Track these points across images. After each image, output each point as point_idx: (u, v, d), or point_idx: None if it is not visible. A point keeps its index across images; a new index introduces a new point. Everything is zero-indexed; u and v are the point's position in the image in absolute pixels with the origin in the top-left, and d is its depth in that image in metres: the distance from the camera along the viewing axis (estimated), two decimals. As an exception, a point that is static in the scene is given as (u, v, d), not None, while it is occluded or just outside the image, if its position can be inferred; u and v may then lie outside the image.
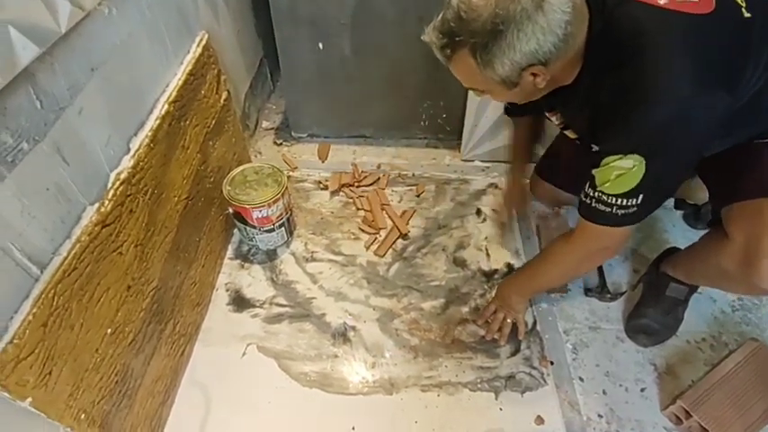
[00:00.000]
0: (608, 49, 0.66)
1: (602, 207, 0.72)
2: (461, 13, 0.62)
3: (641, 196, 0.68)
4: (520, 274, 1.02)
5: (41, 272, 0.60)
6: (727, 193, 0.80)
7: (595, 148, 0.75)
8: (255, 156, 1.46)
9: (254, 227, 1.10)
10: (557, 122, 0.90)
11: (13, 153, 0.55)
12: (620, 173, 0.67)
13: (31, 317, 0.56)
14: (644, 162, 0.65)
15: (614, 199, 0.70)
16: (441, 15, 0.67)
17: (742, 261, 0.75)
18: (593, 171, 0.71)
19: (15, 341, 0.54)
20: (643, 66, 0.64)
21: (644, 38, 0.64)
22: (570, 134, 0.91)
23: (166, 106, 0.86)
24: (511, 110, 1.07)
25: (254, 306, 1.10)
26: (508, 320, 1.02)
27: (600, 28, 0.66)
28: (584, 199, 0.75)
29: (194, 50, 0.99)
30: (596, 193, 0.71)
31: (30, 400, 0.56)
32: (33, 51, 0.55)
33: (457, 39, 0.64)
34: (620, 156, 0.66)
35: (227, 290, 1.13)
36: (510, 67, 0.63)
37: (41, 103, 0.59)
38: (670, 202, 1.30)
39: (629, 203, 0.69)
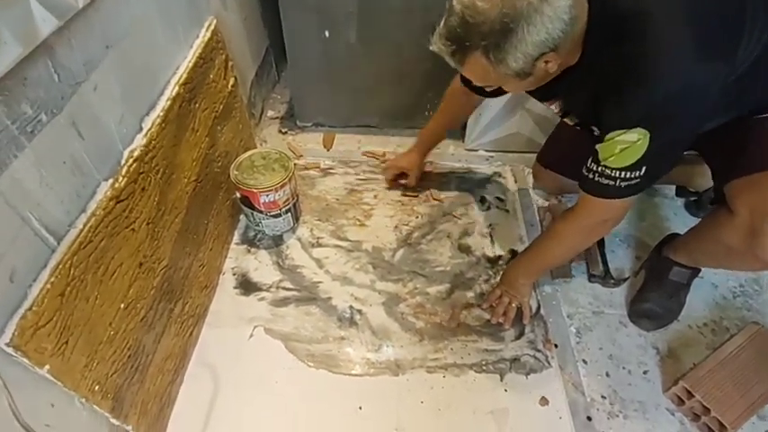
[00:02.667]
0: (608, 23, 0.67)
1: (605, 181, 0.73)
2: (468, 18, 0.62)
3: (644, 168, 0.70)
4: (524, 256, 1.03)
5: (58, 243, 0.61)
6: (730, 169, 0.81)
7: (596, 131, 0.76)
8: (261, 144, 1.47)
9: (261, 211, 1.11)
10: (556, 110, 0.90)
11: (32, 123, 0.56)
12: (625, 146, 0.68)
13: (49, 285, 0.57)
14: (648, 135, 0.66)
15: (618, 172, 0.71)
16: (444, 22, 0.66)
17: (746, 234, 0.76)
18: (597, 146, 0.73)
19: (34, 308, 0.55)
20: (645, 39, 0.64)
21: (644, 10, 0.64)
22: (570, 121, 0.92)
23: (177, 88, 0.87)
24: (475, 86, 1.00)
25: (260, 290, 1.11)
26: (513, 305, 1.03)
27: (600, 3, 0.66)
28: (586, 174, 0.76)
29: (203, 35, 1.00)
30: (600, 168, 0.73)
31: (47, 367, 0.57)
32: (52, 24, 0.56)
33: (467, 44, 0.65)
34: (624, 130, 0.67)
35: (234, 274, 1.14)
36: (523, 60, 0.64)
37: (59, 77, 0.60)
38: (671, 190, 1.31)
39: (632, 176, 0.71)
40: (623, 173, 0.71)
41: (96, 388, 0.67)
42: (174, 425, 0.90)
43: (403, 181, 1.32)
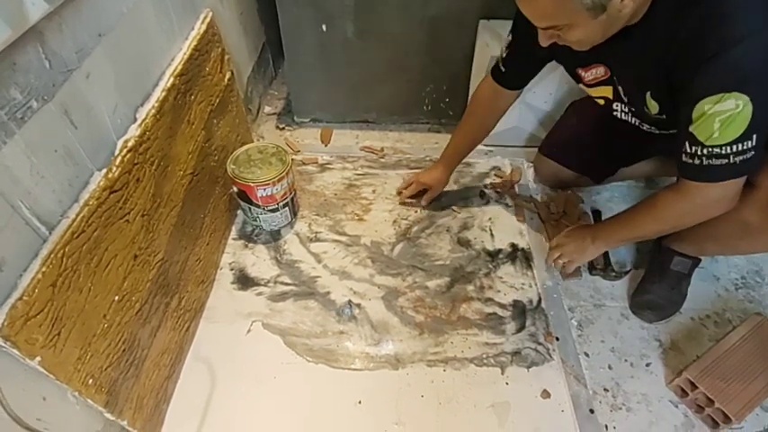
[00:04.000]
0: None
1: (716, 161, 0.68)
2: None
3: (755, 136, 0.65)
4: (611, 222, 0.96)
5: (50, 232, 0.60)
6: None
7: (652, 107, 0.73)
8: (258, 140, 1.46)
9: (259, 206, 1.10)
10: (590, 78, 0.86)
11: (22, 110, 0.55)
12: (725, 117, 0.64)
13: (40, 275, 0.56)
14: (749, 99, 0.62)
15: (728, 148, 0.66)
16: None
17: (766, 206, 0.73)
18: (690, 129, 0.68)
19: (25, 298, 0.54)
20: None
21: None
22: (595, 93, 0.88)
23: (172, 79, 0.86)
24: (506, 73, 0.98)
25: (258, 284, 1.09)
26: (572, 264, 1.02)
27: None
28: (690, 161, 0.70)
29: (199, 27, 0.99)
30: (705, 150, 0.68)
31: (39, 359, 0.56)
32: (42, 8, 0.55)
33: None
34: (720, 95, 0.63)
35: (232, 269, 1.13)
36: None
37: (50, 63, 0.59)
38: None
39: (744, 147, 0.66)
40: (734, 146, 0.65)
41: (90, 381, 0.65)
42: (171, 420, 0.88)
43: (424, 201, 1.25)
